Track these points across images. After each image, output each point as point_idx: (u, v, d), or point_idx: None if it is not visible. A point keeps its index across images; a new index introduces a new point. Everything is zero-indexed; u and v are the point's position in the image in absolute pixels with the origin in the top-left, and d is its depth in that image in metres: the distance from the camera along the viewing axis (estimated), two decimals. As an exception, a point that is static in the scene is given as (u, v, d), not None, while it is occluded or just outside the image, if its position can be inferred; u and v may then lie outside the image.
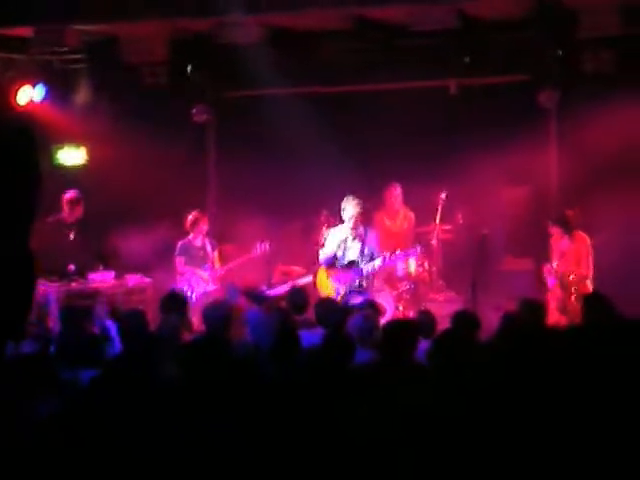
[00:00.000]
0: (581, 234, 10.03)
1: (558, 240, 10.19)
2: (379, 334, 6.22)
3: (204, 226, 11.56)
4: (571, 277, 9.86)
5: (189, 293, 11.15)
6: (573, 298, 9.70)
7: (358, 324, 6.59)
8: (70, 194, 11.25)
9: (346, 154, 12.06)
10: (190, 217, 11.53)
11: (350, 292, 10.16)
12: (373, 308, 7.84)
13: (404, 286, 11.59)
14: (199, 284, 11.39)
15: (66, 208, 11.20)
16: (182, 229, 11.69)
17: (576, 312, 8.64)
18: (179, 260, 11.51)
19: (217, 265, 11.61)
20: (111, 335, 7.12)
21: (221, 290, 11.35)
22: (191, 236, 11.56)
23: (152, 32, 11.36)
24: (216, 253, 11.65)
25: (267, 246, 11.47)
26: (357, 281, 10.24)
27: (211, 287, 11.39)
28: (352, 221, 10.18)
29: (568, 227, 9.95)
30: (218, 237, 12.80)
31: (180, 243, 11.55)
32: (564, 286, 9.90)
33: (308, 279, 10.83)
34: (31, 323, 7.95)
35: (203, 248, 11.55)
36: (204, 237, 11.60)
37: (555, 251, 10.23)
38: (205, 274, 11.47)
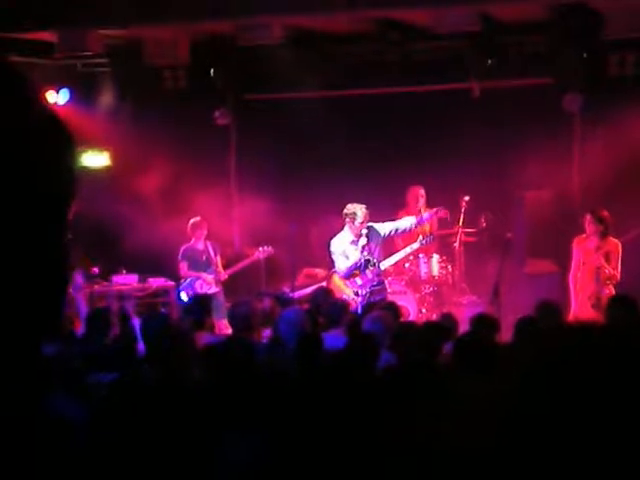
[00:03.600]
0: (613, 239, 9.95)
1: (584, 240, 10.05)
2: (395, 334, 6.20)
3: (205, 230, 11.56)
4: (606, 271, 9.78)
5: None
6: (607, 291, 9.63)
7: (372, 326, 6.59)
8: None
9: (366, 157, 12.05)
10: (191, 222, 11.56)
11: (371, 292, 10.15)
12: (391, 309, 7.82)
13: (427, 289, 11.57)
14: (203, 287, 11.40)
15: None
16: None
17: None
18: (182, 265, 11.53)
19: (220, 268, 11.63)
20: (137, 332, 7.14)
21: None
22: (193, 241, 11.58)
23: (174, 35, 11.39)
24: (218, 257, 11.66)
25: (270, 250, 11.54)
26: (376, 280, 10.23)
27: (214, 290, 11.38)
28: (362, 225, 10.17)
29: (605, 228, 9.85)
30: (240, 240, 12.83)
31: (182, 248, 11.57)
32: (599, 280, 9.81)
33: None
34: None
35: (206, 252, 11.57)
36: (206, 241, 11.61)
37: (579, 251, 10.10)
38: (209, 277, 11.49)
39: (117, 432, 4.13)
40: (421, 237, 10.77)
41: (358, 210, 10.16)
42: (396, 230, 10.49)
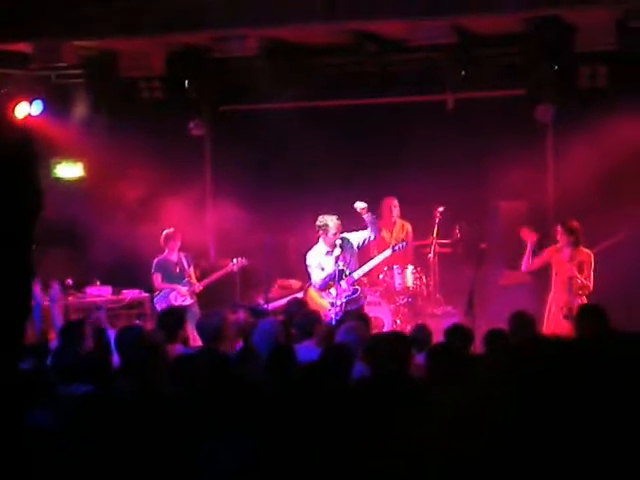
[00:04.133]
0: (584, 250, 10.01)
1: (557, 251, 10.12)
2: (366, 346, 6.21)
3: (178, 241, 11.54)
4: (579, 281, 9.84)
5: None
6: (580, 301, 9.68)
7: (345, 337, 6.61)
8: None
9: (342, 168, 12.08)
10: (164, 233, 11.54)
11: (347, 302, 10.16)
12: (363, 320, 7.84)
13: (402, 300, 11.60)
14: (177, 299, 11.37)
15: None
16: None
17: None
18: (156, 277, 11.50)
19: (194, 280, 11.61)
20: (111, 344, 7.12)
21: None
22: (166, 252, 11.56)
23: (149, 47, 11.38)
24: (191, 268, 11.64)
25: (244, 261, 11.55)
26: (350, 289, 10.25)
27: (189, 301, 11.36)
28: (334, 236, 10.19)
29: (576, 238, 9.92)
30: (216, 251, 12.82)
31: (156, 260, 11.54)
32: (571, 290, 9.87)
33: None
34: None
35: (179, 263, 11.55)
36: (179, 252, 11.60)
37: (552, 261, 10.14)
38: (183, 289, 11.47)
39: (93, 444, 4.12)
40: (393, 243, 10.83)
41: (329, 221, 10.19)
42: (369, 238, 10.49)
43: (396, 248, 10.80)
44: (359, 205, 10.21)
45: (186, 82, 11.95)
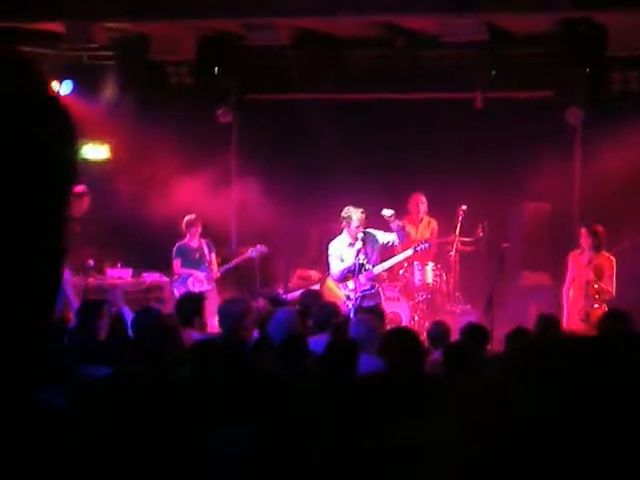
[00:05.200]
0: (606, 254, 9.96)
1: (579, 255, 10.09)
2: (380, 340, 6.20)
3: (199, 228, 11.56)
4: (595, 286, 9.79)
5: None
6: (596, 306, 9.64)
7: (359, 330, 6.60)
8: (76, 188, 11.33)
9: (368, 161, 12.05)
10: (185, 219, 11.55)
11: (362, 296, 10.12)
12: (377, 314, 7.82)
13: (420, 296, 11.57)
14: (195, 285, 11.40)
15: (71, 202, 11.25)
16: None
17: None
18: (176, 262, 11.53)
19: (215, 267, 11.64)
20: (127, 323, 7.14)
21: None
22: (187, 238, 11.58)
23: (180, 31, 11.40)
24: (213, 255, 11.66)
25: (263, 249, 11.54)
26: (368, 284, 10.21)
27: (206, 287, 11.37)
28: (357, 229, 10.13)
29: (599, 242, 9.88)
30: (238, 238, 12.83)
31: (176, 245, 11.57)
32: (588, 295, 9.84)
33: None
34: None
35: (200, 250, 11.57)
36: (200, 239, 11.62)
37: (573, 266, 10.12)
38: (201, 275, 11.49)
39: (108, 427, 4.14)
40: (415, 244, 10.78)
41: (353, 214, 10.15)
42: (391, 243, 10.42)
43: (418, 249, 10.75)
44: (386, 213, 10.15)
45: (215, 69, 11.95)
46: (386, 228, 10.37)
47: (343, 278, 10.27)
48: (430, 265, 11.60)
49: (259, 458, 3.91)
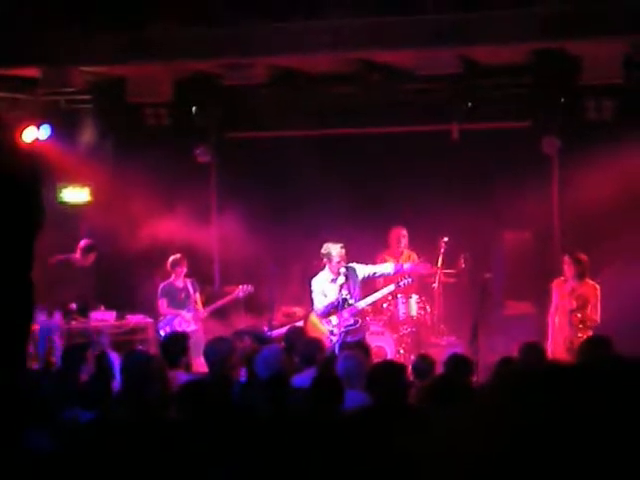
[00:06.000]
0: (590, 282, 10.01)
1: (563, 283, 10.13)
2: (367, 375, 6.20)
3: (184, 268, 11.57)
4: (579, 315, 9.83)
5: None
6: (580, 335, 9.66)
7: (346, 365, 6.60)
8: (83, 242, 11.47)
9: (347, 196, 12.08)
10: (171, 259, 11.57)
11: (346, 332, 10.10)
12: (362, 348, 7.83)
13: (405, 329, 11.56)
14: (181, 325, 11.38)
15: (79, 254, 11.38)
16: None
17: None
18: (162, 302, 11.53)
19: (200, 306, 11.63)
20: (114, 368, 7.11)
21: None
22: (172, 278, 11.58)
23: (157, 73, 11.43)
24: (198, 294, 11.67)
25: (250, 288, 11.57)
26: (352, 320, 10.20)
27: (193, 328, 11.34)
28: (338, 264, 10.14)
29: (583, 270, 9.93)
30: (221, 277, 12.82)
31: (162, 285, 11.57)
32: (572, 323, 9.87)
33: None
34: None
35: (185, 289, 11.58)
36: (185, 278, 11.62)
37: (557, 294, 10.18)
38: (188, 315, 11.48)
39: (94, 469, 4.12)
40: (398, 279, 10.79)
41: (332, 250, 10.16)
42: (374, 274, 10.47)
43: (401, 284, 10.78)
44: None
45: (193, 108, 12.00)
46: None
47: (327, 314, 10.26)
48: (414, 298, 11.61)
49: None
